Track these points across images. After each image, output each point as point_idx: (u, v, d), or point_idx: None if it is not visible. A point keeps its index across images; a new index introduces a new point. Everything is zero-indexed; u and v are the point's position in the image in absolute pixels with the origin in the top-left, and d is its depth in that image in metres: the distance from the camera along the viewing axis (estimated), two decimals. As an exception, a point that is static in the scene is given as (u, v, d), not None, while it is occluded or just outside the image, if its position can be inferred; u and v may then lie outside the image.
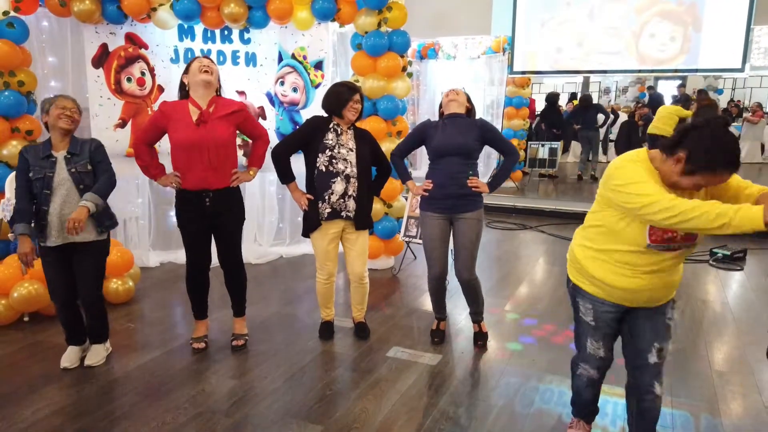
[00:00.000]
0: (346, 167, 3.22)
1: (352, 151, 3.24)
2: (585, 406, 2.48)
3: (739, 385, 2.99)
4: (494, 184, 3.35)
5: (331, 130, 3.24)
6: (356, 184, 3.25)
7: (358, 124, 3.39)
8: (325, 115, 3.31)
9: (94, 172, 3.00)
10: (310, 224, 3.30)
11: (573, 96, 12.26)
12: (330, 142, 3.22)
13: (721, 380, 3.05)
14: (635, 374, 2.25)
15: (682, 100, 11.34)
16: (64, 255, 2.99)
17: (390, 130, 4.63)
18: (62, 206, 2.92)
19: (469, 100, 3.40)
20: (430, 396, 2.87)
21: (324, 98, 3.31)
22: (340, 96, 3.22)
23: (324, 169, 3.22)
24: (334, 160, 3.21)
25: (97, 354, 3.19)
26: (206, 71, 3.06)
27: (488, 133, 3.28)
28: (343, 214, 3.27)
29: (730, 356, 3.36)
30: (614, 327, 2.26)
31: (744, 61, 6.21)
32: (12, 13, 3.95)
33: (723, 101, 14.28)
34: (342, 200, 3.25)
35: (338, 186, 3.23)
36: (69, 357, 3.16)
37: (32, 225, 2.93)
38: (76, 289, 3.07)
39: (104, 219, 3.05)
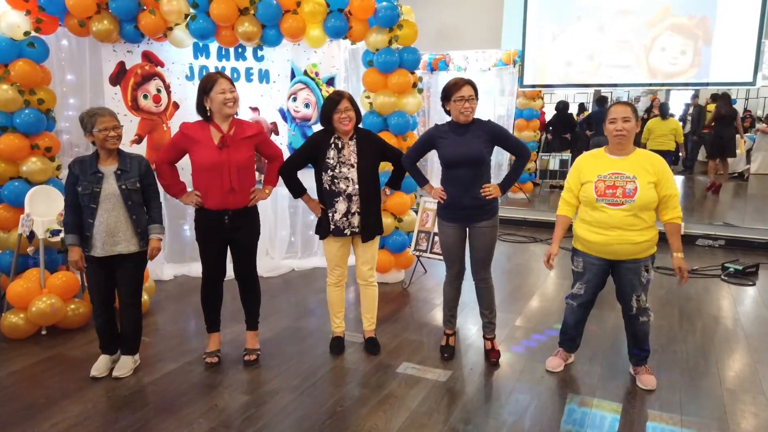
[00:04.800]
0: (347, 186, 3.27)
1: (353, 167, 3.27)
2: (568, 332, 3.33)
3: (749, 404, 2.98)
4: (506, 185, 3.36)
5: (332, 146, 3.27)
6: (359, 201, 3.30)
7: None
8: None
9: (143, 190, 3.16)
10: (322, 231, 3.39)
11: (582, 107, 12.25)
12: (331, 161, 3.26)
13: (731, 398, 3.04)
14: (625, 312, 3.14)
15: (695, 110, 11.28)
16: (107, 264, 3.14)
17: (401, 146, 4.67)
18: (108, 219, 3.06)
19: (475, 90, 3.19)
20: (440, 413, 2.89)
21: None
22: (324, 108, 3.26)
23: (327, 188, 3.31)
24: (336, 180, 3.27)
25: (125, 365, 3.27)
26: (230, 105, 3.12)
27: (498, 135, 3.26)
28: (347, 231, 3.33)
29: (741, 374, 3.34)
30: (599, 277, 3.10)
31: (755, 74, 6.19)
32: (33, 33, 4.07)
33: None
34: (345, 218, 3.31)
35: (341, 205, 3.30)
36: (99, 366, 3.27)
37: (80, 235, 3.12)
38: (114, 297, 3.27)
39: (146, 235, 3.20)
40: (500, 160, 8.73)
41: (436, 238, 4.76)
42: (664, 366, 3.40)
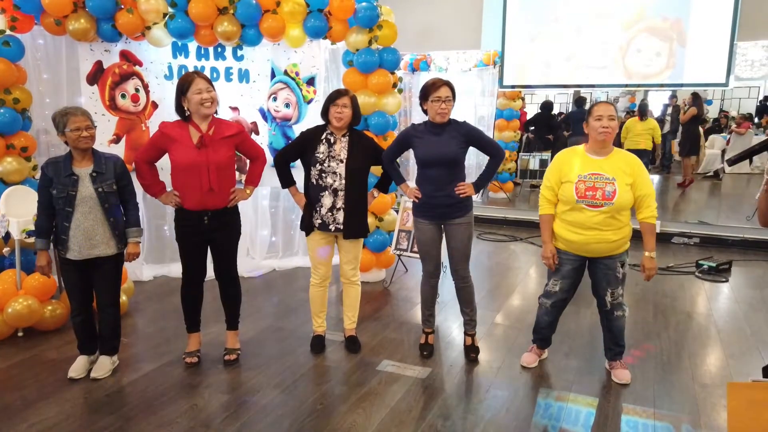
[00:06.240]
0: (334, 181, 3.30)
1: (342, 162, 3.31)
2: (541, 332, 3.40)
3: (721, 398, 3.06)
4: (480, 184, 3.39)
5: (323, 141, 3.32)
6: (344, 197, 3.32)
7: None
8: (323, 123, 3.40)
9: (119, 192, 3.12)
10: (306, 227, 3.42)
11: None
12: (320, 155, 3.31)
13: (703, 392, 3.12)
14: (601, 308, 3.21)
15: (674, 111, 11.49)
16: (84, 266, 3.11)
17: (381, 145, 4.69)
18: (85, 223, 3.02)
19: (452, 91, 3.22)
20: (419, 409, 2.92)
21: None
22: (327, 100, 3.33)
23: (315, 183, 3.34)
24: (323, 174, 3.31)
25: (103, 367, 3.25)
26: (207, 105, 3.10)
27: (473, 136, 3.31)
28: (332, 227, 3.36)
29: (713, 368, 3.43)
30: (574, 272, 3.17)
31: (728, 75, 6.34)
32: (8, 32, 4.01)
33: (713, 112, 14.42)
34: (330, 213, 3.34)
35: (326, 200, 3.33)
36: (77, 367, 3.25)
37: (51, 239, 3.10)
38: (92, 297, 3.24)
39: (124, 237, 3.19)
40: (480, 161, 8.80)
41: (417, 237, 4.80)
42: (638, 361, 3.47)
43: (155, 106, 4.83)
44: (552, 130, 10.09)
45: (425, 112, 3.31)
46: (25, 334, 3.79)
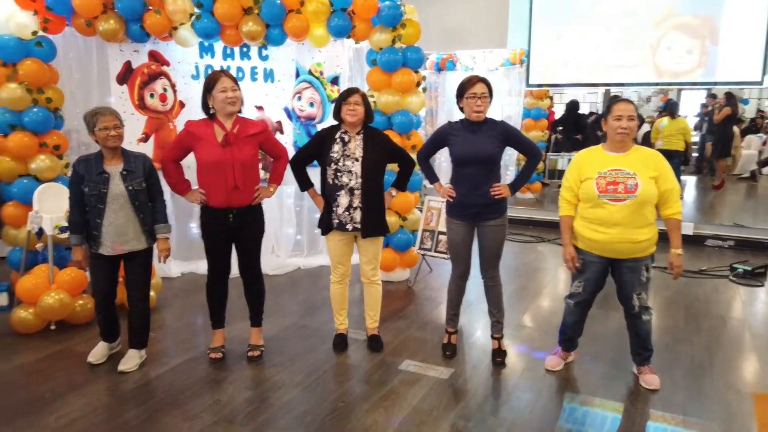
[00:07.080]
0: (350, 180, 3.29)
1: (357, 161, 3.29)
2: (566, 332, 3.33)
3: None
4: (516, 185, 3.35)
5: (338, 140, 3.31)
6: (361, 195, 3.31)
7: None
8: (336, 123, 3.40)
9: (147, 189, 3.20)
10: (324, 227, 3.43)
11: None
12: (335, 155, 3.30)
13: (736, 400, 3.02)
14: (627, 310, 3.13)
15: (711, 111, 11.19)
16: (114, 261, 3.21)
17: (405, 144, 4.68)
18: (116, 220, 3.11)
19: (489, 88, 3.21)
20: (441, 410, 2.90)
21: None
22: (337, 99, 3.34)
23: (331, 182, 3.34)
24: (339, 173, 3.30)
25: (131, 360, 3.31)
26: (232, 103, 3.14)
27: (510, 136, 3.28)
28: (349, 226, 3.35)
29: (747, 375, 3.32)
30: (598, 275, 3.08)
31: (763, 74, 6.13)
32: (40, 33, 4.12)
33: (749, 111, 14.00)
34: (347, 212, 3.33)
35: (343, 199, 3.32)
36: (96, 353, 3.36)
37: (84, 235, 3.18)
38: (116, 293, 3.34)
39: (153, 232, 3.27)
40: (506, 161, 8.71)
41: (441, 237, 4.77)
42: (668, 366, 3.38)
43: (182, 105, 4.91)
44: (580, 129, 9.91)
45: (462, 109, 3.28)
46: (57, 328, 3.88)
